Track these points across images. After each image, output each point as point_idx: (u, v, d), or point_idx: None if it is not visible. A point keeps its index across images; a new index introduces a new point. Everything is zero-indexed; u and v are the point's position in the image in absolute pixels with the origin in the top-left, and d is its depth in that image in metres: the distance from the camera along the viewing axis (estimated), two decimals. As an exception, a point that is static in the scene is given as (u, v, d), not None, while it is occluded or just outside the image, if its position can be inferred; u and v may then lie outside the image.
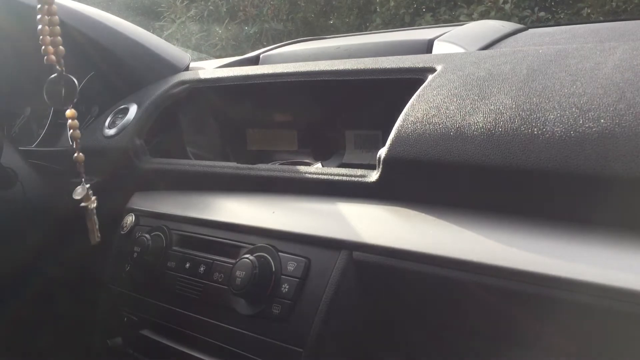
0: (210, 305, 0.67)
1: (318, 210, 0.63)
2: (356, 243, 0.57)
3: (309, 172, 0.66)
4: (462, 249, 0.50)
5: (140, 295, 0.77)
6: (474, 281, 0.49)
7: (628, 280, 0.42)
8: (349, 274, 0.57)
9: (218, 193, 0.76)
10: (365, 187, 0.60)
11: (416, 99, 0.60)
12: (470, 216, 0.52)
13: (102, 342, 0.80)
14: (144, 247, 0.74)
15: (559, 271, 0.45)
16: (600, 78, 0.51)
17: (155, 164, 0.84)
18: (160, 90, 0.90)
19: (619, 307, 0.42)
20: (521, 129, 0.49)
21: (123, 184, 0.87)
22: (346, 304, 0.58)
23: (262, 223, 0.66)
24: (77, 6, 1.00)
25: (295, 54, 1.02)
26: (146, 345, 0.75)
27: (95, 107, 1.08)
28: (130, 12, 5.29)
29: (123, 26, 1.03)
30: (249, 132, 0.96)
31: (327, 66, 0.76)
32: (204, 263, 0.69)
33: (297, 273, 0.60)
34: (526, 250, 0.47)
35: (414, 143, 0.55)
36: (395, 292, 0.59)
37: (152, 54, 1.01)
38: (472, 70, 0.61)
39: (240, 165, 0.74)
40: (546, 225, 0.48)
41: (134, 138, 0.85)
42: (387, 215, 0.57)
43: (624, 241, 0.44)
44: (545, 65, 0.57)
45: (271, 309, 0.60)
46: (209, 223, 0.72)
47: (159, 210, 0.79)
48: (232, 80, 0.86)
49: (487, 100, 0.54)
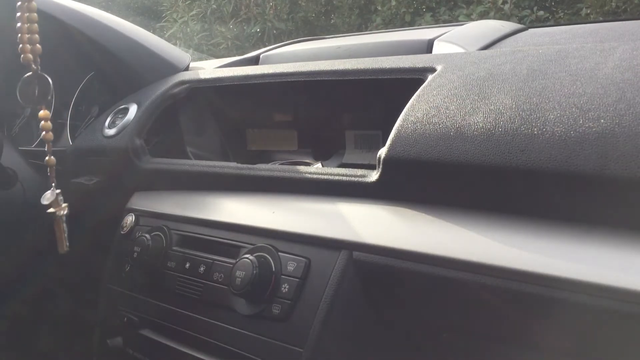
0: (210, 305, 0.67)
1: (318, 210, 0.63)
2: (356, 243, 0.57)
3: (309, 172, 0.66)
4: (462, 249, 0.50)
5: (140, 295, 0.77)
6: (474, 281, 0.49)
7: (628, 280, 0.42)
8: (349, 274, 0.57)
9: (218, 193, 0.76)
10: (365, 187, 0.60)
11: (416, 99, 0.60)
12: (470, 216, 0.52)
13: (102, 342, 0.80)
14: (144, 247, 0.74)
15: (559, 271, 0.45)
16: (600, 78, 0.51)
17: (155, 164, 0.84)
18: (160, 90, 0.90)
19: (619, 307, 0.42)
20: (521, 128, 0.49)
21: (123, 184, 0.87)
22: (346, 304, 0.58)
23: (262, 223, 0.66)
24: (77, 6, 1.00)
25: (295, 54, 1.02)
26: (146, 345, 0.75)
27: (95, 107, 1.08)
28: (130, 12, 5.29)
29: (123, 26, 1.03)
30: (249, 132, 0.96)
31: (327, 66, 0.76)
32: (204, 263, 0.69)
33: (297, 273, 0.60)
34: (526, 250, 0.47)
35: (414, 143, 0.55)
36: (395, 292, 0.59)
37: (152, 54, 1.01)
38: (472, 70, 0.61)
39: (240, 165, 0.74)
40: (546, 225, 0.48)
41: (134, 138, 0.85)
42: (387, 215, 0.57)
43: (624, 241, 0.44)
44: (545, 65, 0.57)
45: (271, 309, 0.60)
46: (209, 223, 0.72)
47: (159, 210, 0.79)
48: (232, 80, 0.86)
49: (487, 100, 0.54)
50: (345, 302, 0.58)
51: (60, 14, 0.97)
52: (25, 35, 0.59)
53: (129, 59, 0.99)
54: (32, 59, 0.60)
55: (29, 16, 0.59)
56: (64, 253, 0.67)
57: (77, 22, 0.98)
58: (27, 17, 0.59)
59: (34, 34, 0.59)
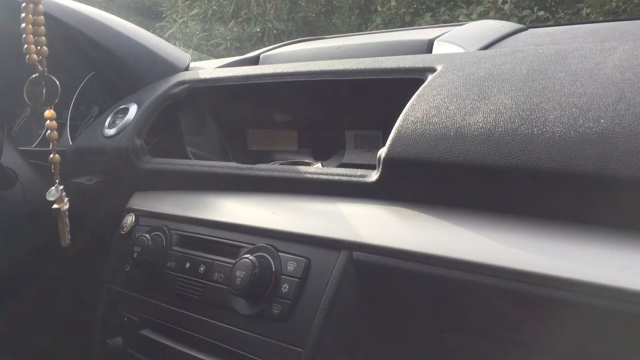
0: (210, 305, 0.67)
1: (318, 210, 0.63)
2: (356, 243, 0.57)
3: (309, 172, 0.66)
4: (462, 249, 0.50)
5: (140, 295, 0.77)
6: (474, 281, 0.49)
7: (628, 280, 0.42)
8: (349, 274, 0.57)
9: (218, 193, 0.76)
10: (365, 187, 0.60)
11: (416, 99, 0.60)
12: (470, 216, 0.52)
13: (102, 342, 0.80)
14: (144, 247, 0.74)
15: (559, 271, 0.45)
16: (600, 78, 0.51)
17: (155, 164, 0.84)
18: (160, 90, 0.90)
19: (619, 307, 0.42)
20: (521, 129, 0.49)
21: (123, 184, 0.87)
22: (346, 304, 0.58)
23: (262, 223, 0.66)
24: (77, 6, 1.00)
25: (295, 54, 1.02)
26: (146, 345, 0.75)
27: (95, 107, 1.08)
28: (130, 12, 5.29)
29: (123, 26, 1.03)
30: (249, 132, 0.96)
31: (327, 66, 0.76)
32: (204, 263, 0.69)
33: (297, 273, 0.60)
34: (526, 250, 0.47)
35: (414, 143, 0.55)
36: (395, 292, 0.59)
37: (152, 54, 1.01)
38: (472, 70, 0.61)
39: (240, 165, 0.74)
40: (546, 225, 0.48)
41: (134, 138, 0.85)
42: (387, 215, 0.57)
43: (624, 241, 0.44)
44: (545, 65, 0.57)
45: (271, 309, 0.60)
46: (209, 223, 0.72)
47: (159, 210, 0.79)
48: (232, 80, 0.86)
49: (487, 100, 0.54)
50: (345, 302, 0.58)
51: (60, 14, 0.97)
52: (30, 36, 0.59)
53: (129, 59, 0.99)
54: (37, 60, 0.61)
55: (36, 19, 0.60)
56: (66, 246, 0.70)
57: (77, 22, 0.98)
58: (33, 19, 0.60)
59: (41, 36, 0.60)
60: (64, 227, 0.69)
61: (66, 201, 0.69)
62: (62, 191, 0.68)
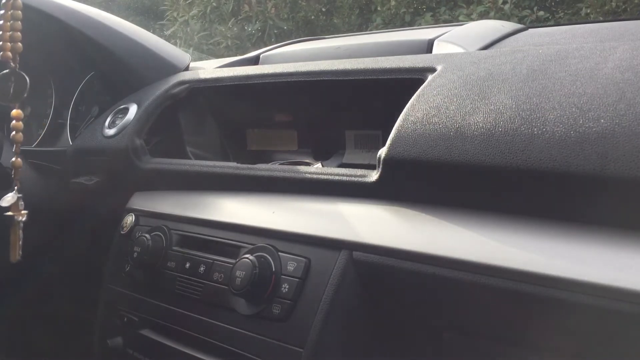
0: (210, 305, 0.67)
1: (318, 210, 0.63)
2: (356, 243, 0.57)
3: (309, 172, 0.66)
4: (462, 249, 0.50)
5: (140, 295, 0.77)
6: (474, 281, 0.49)
7: (628, 280, 0.42)
8: (349, 274, 0.57)
9: (218, 193, 0.76)
10: (365, 187, 0.60)
11: (416, 99, 0.60)
12: (470, 216, 0.52)
13: (102, 342, 0.80)
14: (144, 247, 0.74)
15: (559, 271, 0.45)
16: (600, 78, 0.51)
17: (155, 164, 0.84)
18: (160, 90, 0.90)
19: (619, 307, 0.42)
20: (521, 128, 0.49)
21: (123, 184, 0.87)
22: (346, 304, 0.58)
23: (262, 223, 0.66)
24: (77, 6, 1.00)
25: (295, 54, 1.02)
26: (146, 345, 0.75)
27: (95, 107, 1.08)
28: (130, 12, 5.29)
29: (123, 26, 1.03)
30: (249, 132, 0.96)
31: (327, 66, 0.76)
32: (204, 263, 0.69)
33: (297, 273, 0.60)
34: (526, 250, 0.47)
35: (414, 143, 0.55)
36: (395, 292, 0.59)
37: (152, 54, 1.01)
38: (472, 70, 0.61)
39: (240, 165, 0.74)
40: (546, 225, 0.48)
41: (134, 138, 0.85)
42: (387, 215, 0.57)
43: (624, 241, 0.44)
44: (545, 65, 0.57)
45: (271, 309, 0.60)
46: (209, 223, 0.72)
47: (159, 210, 0.79)
48: (232, 80, 0.86)
49: (487, 100, 0.54)
50: (345, 302, 0.58)
51: (60, 14, 0.97)
52: (6, 33, 0.59)
53: (129, 59, 0.99)
54: (11, 57, 0.60)
55: (13, 13, 0.59)
56: (15, 262, 0.65)
57: (77, 22, 0.98)
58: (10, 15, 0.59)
59: (17, 31, 0.59)
60: (16, 240, 0.64)
61: (23, 212, 0.64)
62: (20, 199, 0.64)
